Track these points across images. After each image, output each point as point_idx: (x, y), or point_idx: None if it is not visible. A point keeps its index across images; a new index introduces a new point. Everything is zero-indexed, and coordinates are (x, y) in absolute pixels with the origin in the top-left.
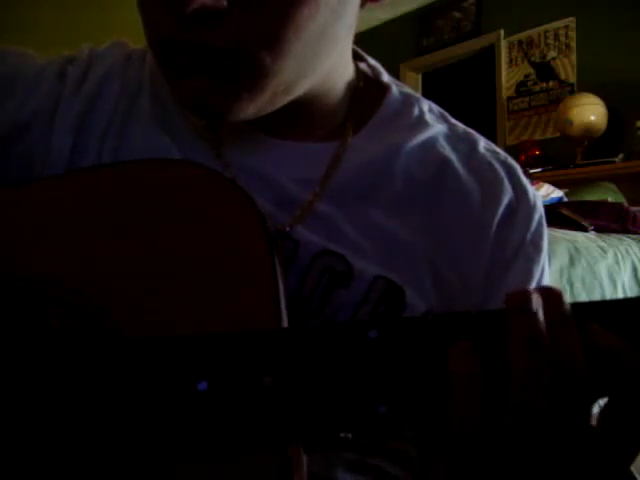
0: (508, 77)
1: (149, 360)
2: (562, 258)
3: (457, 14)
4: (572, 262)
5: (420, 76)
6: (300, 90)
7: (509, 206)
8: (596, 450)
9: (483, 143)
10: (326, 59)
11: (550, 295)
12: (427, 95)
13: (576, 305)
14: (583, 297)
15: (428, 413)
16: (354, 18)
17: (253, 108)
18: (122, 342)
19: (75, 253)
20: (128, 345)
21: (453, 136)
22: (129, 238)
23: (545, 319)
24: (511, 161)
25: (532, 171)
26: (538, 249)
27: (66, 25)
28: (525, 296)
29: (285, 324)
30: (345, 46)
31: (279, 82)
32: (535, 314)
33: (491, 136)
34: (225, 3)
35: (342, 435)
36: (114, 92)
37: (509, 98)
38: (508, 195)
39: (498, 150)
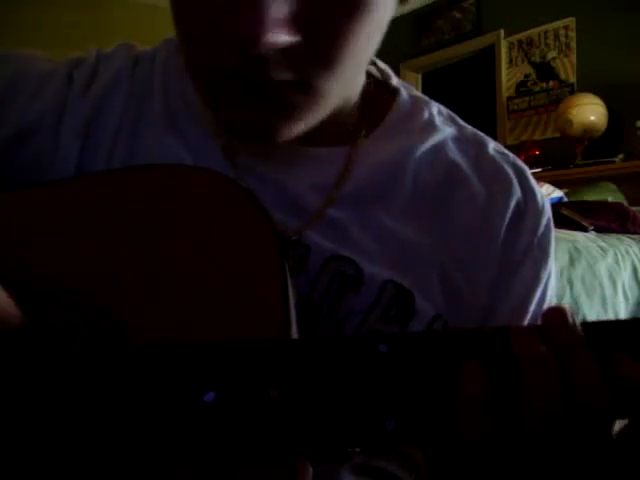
0: (508, 77)
1: (156, 369)
2: (562, 258)
3: (457, 14)
4: (572, 262)
5: (420, 76)
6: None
7: (517, 208)
8: (613, 470)
9: (492, 145)
10: (360, 75)
11: (561, 315)
12: (427, 95)
13: (590, 325)
14: (583, 297)
15: (437, 430)
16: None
17: (300, 129)
18: (128, 349)
19: (77, 255)
20: (134, 353)
21: (462, 139)
22: (134, 241)
23: (554, 341)
24: (520, 163)
25: (532, 171)
26: (546, 253)
27: (67, 25)
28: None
29: (295, 330)
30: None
31: (330, 104)
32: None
33: (491, 136)
34: (301, 39)
35: (349, 449)
36: (123, 93)
37: (509, 98)
38: (516, 197)
39: (507, 152)
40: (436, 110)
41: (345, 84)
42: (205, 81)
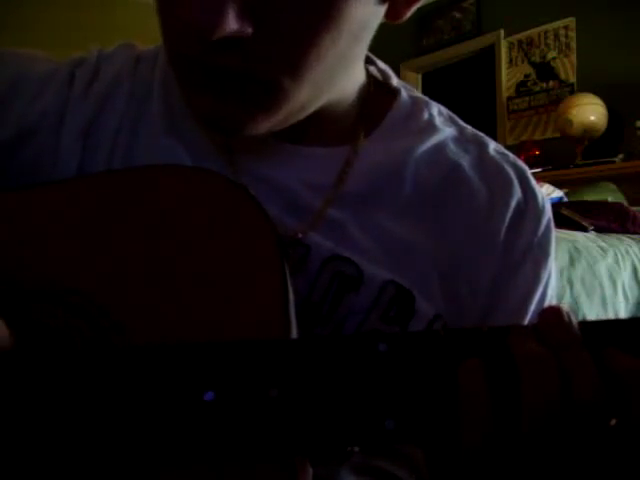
0: (508, 77)
1: (156, 368)
2: (562, 258)
3: (457, 14)
4: (572, 262)
5: (420, 76)
6: (315, 107)
7: (517, 208)
8: (608, 468)
9: (493, 145)
10: (343, 77)
11: (557, 315)
12: (427, 95)
13: (587, 324)
14: (583, 297)
15: (437, 429)
16: (372, 36)
17: (268, 125)
18: (128, 350)
19: (77, 255)
20: (134, 353)
21: (462, 139)
22: (134, 241)
23: (551, 340)
24: (521, 163)
25: (532, 171)
26: (546, 253)
27: (68, 25)
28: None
29: (294, 330)
30: (360, 59)
31: (296, 103)
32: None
33: (491, 136)
34: (250, 30)
35: (348, 449)
36: (124, 93)
37: (509, 98)
38: (516, 197)
39: (507, 152)
40: (436, 111)
41: (319, 86)
42: (176, 69)
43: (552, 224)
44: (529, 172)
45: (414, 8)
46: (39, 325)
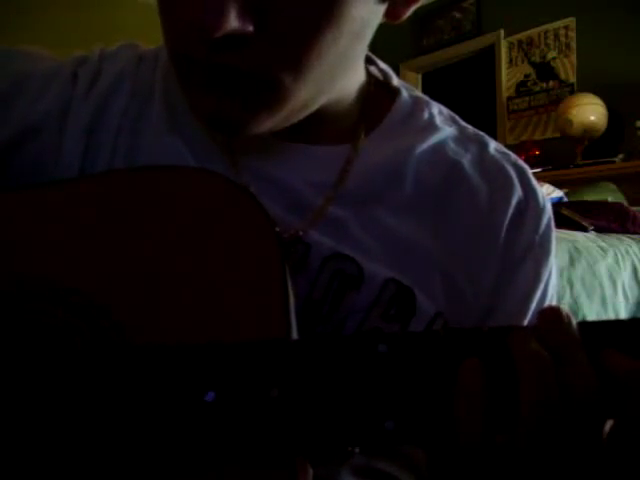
0: (508, 77)
1: (157, 369)
2: (562, 258)
3: (457, 14)
4: (572, 262)
5: (420, 76)
6: (316, 105)
7: (518, 207)
8: (605, 469)
9: (494, 145)
10: (344, 76)
11: (555, 316)
12: (427, 95)
13: (586, 325)
14: (583, 297)
15: (436, 430)
16: (372, 35)
17: (270, 124)
18: (130, 350)
19: (77, 255)
20: (135, 353)
21: (463, 138)
22: (135, 241)
23: (550, 341)
24: (521, 163)
25: (532, 171)
26: (546, 251)
27: (68, 25)
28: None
29: (294, 330)
30: (360, 58)
31: (297, 101)
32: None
33: (491, 136)
34: (251, 29)
35: (349, 449)
36: (126, 93)
37: (509, 98)
38: (517, 196)
39: (508, 152)
40: (437, 110)
41: (320, 85)
42: (178, 70)
43: (553, 223)
44: (530, 171)
45: (413, 8)
46: (39, 325)
